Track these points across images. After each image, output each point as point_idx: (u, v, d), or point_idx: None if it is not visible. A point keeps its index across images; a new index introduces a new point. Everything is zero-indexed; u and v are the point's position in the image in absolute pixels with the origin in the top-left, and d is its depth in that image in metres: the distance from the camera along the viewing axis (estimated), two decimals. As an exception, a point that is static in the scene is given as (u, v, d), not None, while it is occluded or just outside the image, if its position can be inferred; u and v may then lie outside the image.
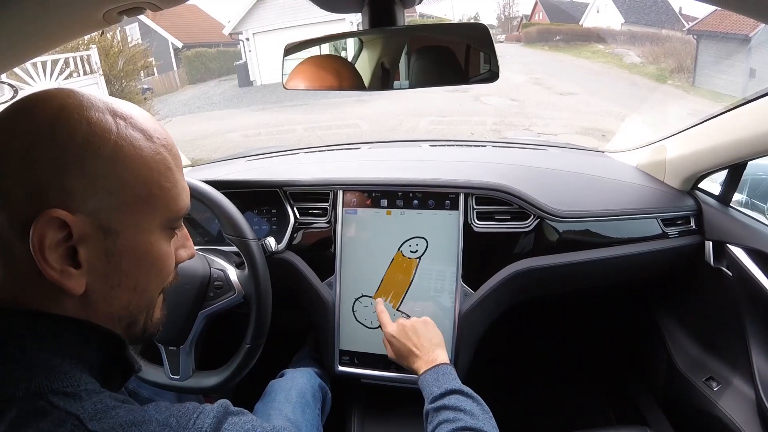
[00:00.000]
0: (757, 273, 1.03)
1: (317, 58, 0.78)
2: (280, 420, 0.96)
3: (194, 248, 0.59)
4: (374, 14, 0.71)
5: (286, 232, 1.13)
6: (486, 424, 0.75)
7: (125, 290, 0.48)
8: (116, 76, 7.09)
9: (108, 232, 0.45)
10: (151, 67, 9.43)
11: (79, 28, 0.68)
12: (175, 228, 0.52)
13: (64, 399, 0.41)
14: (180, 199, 0.51)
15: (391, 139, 2.33)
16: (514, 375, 1.64)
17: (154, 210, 0.48)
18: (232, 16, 15.83)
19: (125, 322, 0.51)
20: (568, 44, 18.48)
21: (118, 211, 0.45)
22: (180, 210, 0.51)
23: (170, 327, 0.96)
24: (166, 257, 0.51)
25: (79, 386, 0.43)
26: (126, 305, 0.49)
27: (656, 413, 1.36)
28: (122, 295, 0.48)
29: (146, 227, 0.48)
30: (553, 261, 1.10)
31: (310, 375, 1.11)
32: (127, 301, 0.49)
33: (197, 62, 17.31)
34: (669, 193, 1.20)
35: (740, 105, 0.99)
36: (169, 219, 0.50)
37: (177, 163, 0.51)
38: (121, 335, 0.51)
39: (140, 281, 0.49)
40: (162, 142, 0.49)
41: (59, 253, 0.43)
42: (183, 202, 0.51)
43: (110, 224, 0.45)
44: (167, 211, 0.49)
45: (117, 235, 0.46)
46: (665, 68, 12.89)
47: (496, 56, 0.71)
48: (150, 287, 0.51)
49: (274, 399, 1.01)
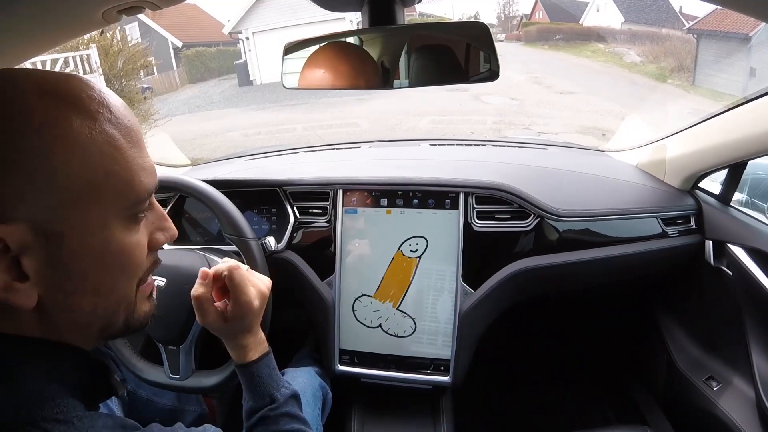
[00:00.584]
0: (757, 272, 1.03)
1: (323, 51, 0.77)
2: None
3: (175, 228, 0.52)
4: (374, 13, 0.71)
5: (286, 231, 1.13)
6: None
7: (86, 295, 0.43)
8: (116, 76, 7.08)
9: (50, 236, 0.39)
10: (151, 66, 9.41)
11: (79, 28, 0.68)
12: (138, 213, 0.46)
13: (57, 426, 0.39)
14: (136, 181, 0.43)
15: (391, 139, 2.33)
16: (513, 374, 1.64)
17: (104, 200, 0.42)
18: (232, 16, 15.84)
19: (97, 326, 0.46)
20: (568, 43, 18.46)
21: (58, 211, 0.39)
22: (140, 193, 0.44)
23: (170, 326, 0.96)
24: (130, 250, 0.45)
25: (69, 412, 0.40)
26: (91, 310, 0.44)
27: (656, 413, 1.36)
28: (83, 301, 0.43)
29: (98, 223, 0.42)
30: (553, 260, 1.10)
31: (310, 374, 1.10)
32: (92, 306, 0.44)
33: (197, 61, 17.29)
34: (669, 193, 1.20)
35: (740, 104, 0.98)
36: (126, 206, 0.43)
37: (130, 138, 0.43)
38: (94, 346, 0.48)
39: (103, 283, 0.44)
40: (109, 117, 0.41)
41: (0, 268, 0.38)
42: (142, 184, 0.44)
43: (51, 227, 0.39)
44: (122, 198, 0.43)
45: (62, 237, 0.40)
46: (665, 67, 12.88)
47: (497, 55, 0.71)
48: (117, 286, 0.45)
49: None
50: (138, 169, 0.44)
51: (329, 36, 0.78)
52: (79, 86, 0.41)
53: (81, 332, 0.45)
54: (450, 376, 1.08)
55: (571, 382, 1.60)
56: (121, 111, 0.43)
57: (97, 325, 0.46)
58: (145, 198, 0.45)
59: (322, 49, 0.77)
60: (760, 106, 0.93)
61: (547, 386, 1.60)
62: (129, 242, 0.45)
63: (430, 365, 1.09)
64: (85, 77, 0.43)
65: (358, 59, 0.77)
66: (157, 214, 0.50)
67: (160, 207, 0.51)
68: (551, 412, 1.51)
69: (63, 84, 0.40)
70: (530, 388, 1.60)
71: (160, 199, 1.20)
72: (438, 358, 1.09)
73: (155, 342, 1.00)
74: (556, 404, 1.54)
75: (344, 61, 0.76)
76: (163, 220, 0.51)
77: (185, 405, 1.19)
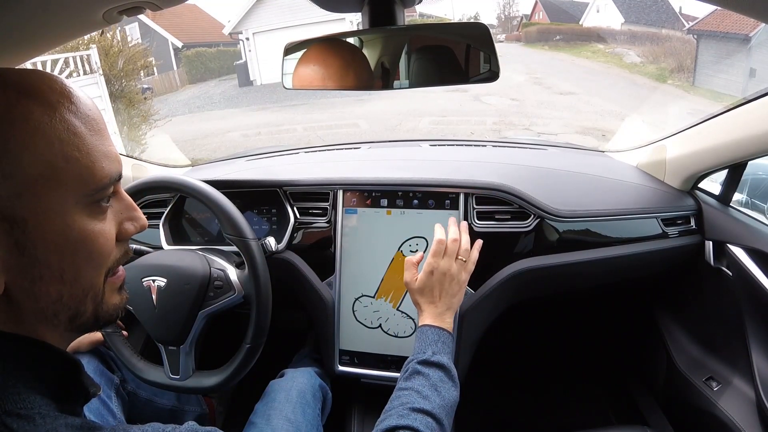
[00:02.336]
0: (757, 273, 1.03)
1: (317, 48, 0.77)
2: (280, 420, 0.96)
3: (144, 218, 0.52)
4: (374, 14, 0.71)
5: (286, 231, 1.13)
6: (442, 414, 0.71)
7: (51, 282, 0.43)
8: (116, 76, 7.08)
9: (14, 221, 0.40)
10: (151, 66, 9.41)
11: (79, 28, 0.68)
12: (101, 200, 0.46)
13: (18, 421, 0.39)
14: (97, 167, 0.44)
15: (391, 139, 2.33)
16: (513, 374, 1.64)
17: (64, 186, 0.42)
18: (232, 16, 15.85)
19: (64, 315, 0.46)
20: (568, 44, 18.47)
21: (20, 196, 0.40)
22: (101, 180, 0.44)
23: (170, 327, 0.96)
24: (93, 237, 0.45)
25: (33, 408, 0.40)
26: (57, 298, 0.44)
27: (656, 413, 1.36)
28: (49, 288, 0.43)
29: (58, 208, 0.42)
30: (553, 261, 1.10)
31: (310, 375, 1.11)
32: (57, 293, 0.44)
33: (197, 62, 17.30)
34: (669, 193, 1.20)
35: (740, 105, 0.98)
36: (87, 193, 0.44)
37: (91, 127, 0.44)
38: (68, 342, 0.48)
39: (66, 270, 0.44)
40: (68, 107, 0.43)
41: None
42: (103, 171, 0.45)
43: (14, 212, 0.40)
44: (83, 185, 0.43)
45: (25, 223, 0.41)
46: (665, 68, 12.88)
47: (497, 56, 0.71)
48: (82, 274, 0.45)
49: (275, 399, 1.01)
50: (100, 155, 0.44)
51: (329, 37, 0.78)
52: (40, 79, 0.43)
53: (49, 323, 0.45)
54: (450, 377, 1.08)
55: (571, 383, 1.60)
56: (83, 101, 0.45)
57: (64, 314, 0.46)
58: (107, 185, 0.46)
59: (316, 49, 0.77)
60: (759, 107, 0.93)
61: (547, 386, 1.60)
62: (92, 229, 0.45)
63: (430, 365, 1.09)
64: (48, 72, 0.45)
65: (352, 59, 0.77)
66: (125, 204, 0.50)
67: (128, 197, 0.51)
68: (551, 412, 1.51)
69: (25, 78, 0.42)
70: (530, 388, 1.60)
71: (160, 199, 1.20)
72: (438, 358, 1.09)
73: (155, 342, 1.00)
74: (556, 404, 1.54)
75: (340, 61, 0.76)
76: (131, 209, 0.51)
77: (185, 405, 1.19)
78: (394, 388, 0.75)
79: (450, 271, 0.86)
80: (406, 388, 0.72)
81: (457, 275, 0.87)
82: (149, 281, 0.95)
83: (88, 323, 0.48)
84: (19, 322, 0.44)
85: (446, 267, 0.86)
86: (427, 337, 0.80)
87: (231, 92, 14.49)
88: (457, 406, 0.78)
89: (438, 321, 0.83)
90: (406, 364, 0.78)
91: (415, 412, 0.68)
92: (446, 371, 0.76)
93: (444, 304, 0.85)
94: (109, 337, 1.02)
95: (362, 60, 0.77)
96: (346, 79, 0.78)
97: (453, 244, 0.88)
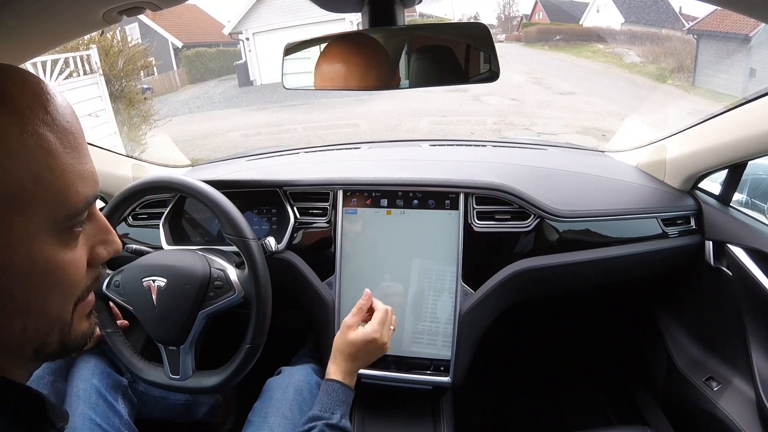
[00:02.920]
0: (757, 273, 1.03)
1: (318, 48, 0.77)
2: (277, 417, 0.96)
3: (119, 241, 0.47)
4: (374, 14, 0.71)
5: (286, 231, 1.13)
6: None
7: (15, 315, 0.39)
8: (116, 76, 7.07)
9: None
10: (151, 66, 9.40)
11: (79, 28, 0.68)
12: (74, 226, 0.41)
13: None
14: (71, 190, 0.39)
15: (391, 139, 2.33)
16: (513, 375, 1.64)
17: (30, 211, 0.37)
18: (232, 16, 15.82)
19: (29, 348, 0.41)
20: (568, 44, 18.46)
21: None
22: (76, 204, 0.40)
23: (170, 327, 0.96)
24: (63, 268, 0.40)
25: None
26: (21, 331, 0.39)
27: (656, 413, 1.36)
28: (12, 320, 0.39)
29: (23, 235, 0.37)
30: (553, 261, 1.10)
31: (306, 372, 1.10)
32: (22, 326, 0.39)
33: (197, 62, 17.28)
34: (669, 193, 1.20)
35: (740, 105, 0.98)
36: (58, 219, 0.39)
37: (68, 142, 0.39)
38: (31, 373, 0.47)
39: (32, 302, 0.39)
40: (44, 119, 0.38)
41: None
42: (78, 195, 0.40)
43: None
44: (53, 210, 0.38)
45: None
46: (665, 68, 12.87)
47: (497, 56, 0.71)
48: (49, 306, 0.40)
49: (272, 397, 1.01)
50: (75, 177, 0.39)
51: (330, 37, 0.77)
52: (10, 80, 0.37)
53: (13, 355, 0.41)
54: (450, 377, 1.08)
55: (571, 383, 1.60)
56: (60, 110, 0.39)
57: (29, 347, 0.41)
58: (81, 210, 0.41)
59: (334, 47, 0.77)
60: (759, 107, 0.93)
61: (546, 386, 1.60)
62: (62, 260, 0.40)
63: (430, 366, 1.09)
64: (23, 71, 0.39)
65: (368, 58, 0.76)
66: (99, 226, 0.45)
67: (102, 218, 0.46)
68: (551, 412, 1.51)
69: (5, 86, 0.37)
70: (530, 388, 1.60)
71: (160, 199, 1.20)
72: (438, 358, 1.09)
73: (155, 342, 1.00)
74: (556, 404, 1.54)
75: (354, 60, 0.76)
76: (105, 232, 0.45)
77: (198, 397, 1.20)
78: None
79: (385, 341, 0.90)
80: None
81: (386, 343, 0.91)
82: (149, 281, 0.95)
83: (54, 354, 0.44)
84: None
85: (384, 338, 0.90)
86: (337, 396, 0.83)
87: (231, 92, 14.47)
88: (457, 407, 0.78)
89: (348, 378, 0.87)
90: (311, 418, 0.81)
91: None
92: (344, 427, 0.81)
93: (359, 364, 0.89)
94: (109, 337, 1.02)
95: (364, 59, 0.77)
96: (346, 78, 0.78)
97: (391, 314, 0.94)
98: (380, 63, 0.75)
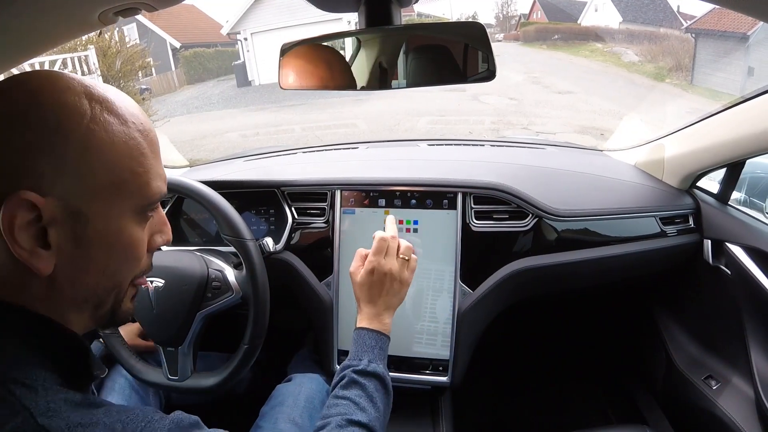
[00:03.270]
0: (756, 271, 1.03)
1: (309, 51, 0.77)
2: (287, 423, 0.95)
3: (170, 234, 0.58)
4: (371, 14, 0.71)
5: (284, 232, 1.12)
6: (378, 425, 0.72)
7: (93, 274, 0.49)
8: (114, 77, 7.08)
9: (78, 216, 0.45)
10: (149, 67, 9.40)
11: (75, 29, 0.68)
12: (149, 213, 0.52)
13: (21, 389, 0.42)
14: (153, 185, 0.50)
15: (389, 139, 2.33)
16: (512, 374, 1.64)
17: (126, 196, 0.48)
18: (230, 16, 15.85)
19: (92, 303, 0.51)
20: (566, 43, 18.49)
21: (88, 197, 0.46)
22: (153, 196, 0.51)
23: (168, 327, 0.96)
24: (137, 244, 0.51)
25: (37, 380, 0.43)
26: (93, 288, 0.50)
27: (655, 412, 1.36)
28: (89, 279, 0.49)
29: (117, 213, 0.48)
30: (551, 260, 1.10)
31: (318, 381, 1.10)
32: (95, 283, 0.50)
33: (195, 62, 17.28)
34: (667, 192, 1.20)
35: (738, 103, 0.98)
36: (141, 205, 0.50)
37: (152, 149, 0.51)
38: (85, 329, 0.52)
39: (109, 266, 0.50)
40: (138, 127, 0.49)
41: (29, 234, 0.44)
42: (156, 188, 0.51)
43: (80, 209, 0.45)
44: (139, 197, 0.49)
45: (87, 220, 0.46)
46: (663, 66, 12.90)
47: (494, 55, 0.71)
48: (119, 272, 0.51)
49: (283, 402, 1.01)
50: (155, 175, 0.51)
51: (326, 36, 0.77)
52: (119, 98, 0.49)
53: (78, 308, 0.50)
54: (449, 377, 1.08)
55: (571, 382, 1.60)
56: (148, 125, 0.51)
57: (92, 302, 0.51)
58: (156, 200, 0.52)
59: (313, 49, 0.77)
60: (758, 105, 0.93)
61: (546, 386, 1.60)
62: (138, 237, 0.51)
63: (429, 365, 1.09)
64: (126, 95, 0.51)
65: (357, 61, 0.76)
66: (159, 219, 0.56)
67: (162, 212, 0.57)
68: (550, 411, 1.51)
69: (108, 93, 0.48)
70: (529, 387, 1.60)
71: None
72: (437, 358, 1.09)
73: (154, 344, 1.00)
74: (555, 404, 1.54)
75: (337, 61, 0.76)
76: (163, 224, 0.56)
77: None
78: (331, 392, 0.75)
79: (392, 269, 0.83)
80: (344, 398, 0.72)
81: (399, 273, 0.83)
82: (147, 282, 0.95)
83: (106, 317, 0.53)
84: (53, 304, 0.48)
85: (388, 266, 0.83)
86: (364, 342, 0.79)
87: (229, 92, 14.47)
88: (456, 406, 0.78)
89: (375, 323, 0.81)
90: (341, 368, 0.77)
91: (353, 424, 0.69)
92: (381, 381, 0.76)
93: (383, 303, 0.83)
94: (108, 338, 1.01)
95: (360, 60, 0.77)
96: (343, 78, 0.78)
97: (393, 242, 0.85)
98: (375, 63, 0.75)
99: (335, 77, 0.78)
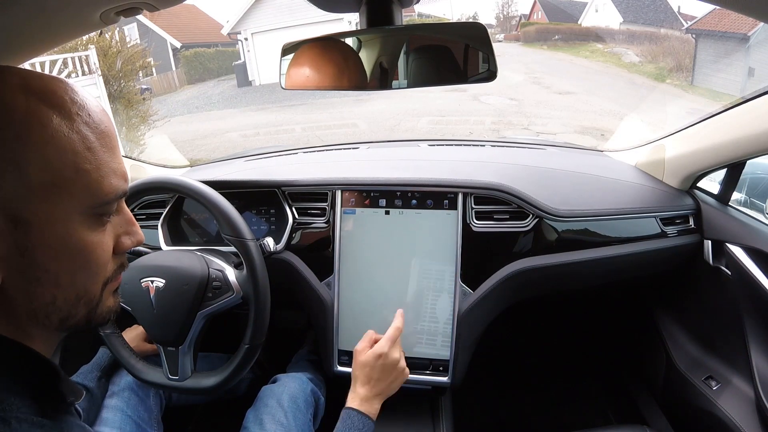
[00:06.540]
0: (756, 272, 1.03)
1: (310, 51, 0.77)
2: (273, 425, 0.96)
3: (141, 233, 0.53)
4: (372, 14, 0.71)
5: (285, 232, 1.13)
6: None
7: (47, 285, 0.44)
8: (115, 77, 7.07)
9: (18, 222, 0.41)
10: (150, 67, 9.38)
11: (76, 29, 0.68)
12: (104, 215, 0.47)
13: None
14: (105, 183, 0.45)
15: (389, 139, 2.33)
16: (513, 374, 1.64)
17: (70, 196, 0.43)
18: (231, 16, 15.83)
19: (56, 317, 0.46)
20: (566, 43, 18.47)
21: (28, 200, 0.41)
22: (107, 195, 0.46)
23: (169, 327, 0.96)
24: (91, 248, 0.46)
25: (10, 411, 0.40)
26: (50, 301, 0.45)
27: (655, 412, 1.36)
28: (44, 291, 0.45)
29: (62, 216, 0.43)
30: (551, 260, 1.10)
31: (301, 380, 1.10)
32: (51, 296, 0.45)
33: (196, 62, 17.27)
34: (668, 192, 1.20)
35: (739, 104, 0.98)
36: (91, 205, 0.45)
37: (105, 142, 0.46)
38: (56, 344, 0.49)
39: (62, 276, 0.45)
40: (85, 119, 0.44)
41: None
42: (111, 186, 0.46)
43: (19, 214, 0.41)
44: (88, 197, 0.44)
45: (28, 225, 0.42)
46: (664, 67, 12.88)
47: (495, 55, 0.71)
48: (77, 281, 0.46)
49: (266, 404, 1.01)
50: (109, 171, 0.46)
51: (327, 37, 0.77)
52: (62, 89, 0.44)
53: (40, 323, 0.46)
54: (449, 377, 1.08)
55: (571, 382, 1.60)
56: (99, 116, 0.46)
57: (56, 316, 0.46)
58: (112, 200, 0.47)
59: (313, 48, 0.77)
60: (758, 106, 0.93)
61: (546, 386, 1.60)
62: (91, 240, 0.46)
63: (429, 365, 1.09)
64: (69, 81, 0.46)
65: (350, 59, 0.76)
66: (125, 219, 0.52)
67: (129, 212, 0.52)
68: (550, 411, 1.51)
69: (48, 85, 0.43)
70: (529, 388, 1.60)
71: (158, 199, 1.20)
72: (437, 358, 1.09)
73: (154, 343, 1.00)
74: (555, 404, 1.54)
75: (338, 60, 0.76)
76: (130, 224, 0.52)
77: None
78: None
79: (398, 360, 0.90)
80: None
81: (402, 366, 0.91)
82: (147, 282, 0.95)
83: (80, 325, 0.49)
84: (11, 319, 0.45)
85: (395, 356, 0.90)
86: (353, 424, 0.83)
87: (230, 92, 14.46)
88: (457, 406, 0.78)
89: (366, 406, 0.86)
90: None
91: None
92: None
93: (379, 388, 0.88)
94: (108, 338, 1.02)
95: (360, 60, 0.77)
96: (344, 78, 0.78)
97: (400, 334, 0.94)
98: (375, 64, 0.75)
99: (336, 77, 0.78)
